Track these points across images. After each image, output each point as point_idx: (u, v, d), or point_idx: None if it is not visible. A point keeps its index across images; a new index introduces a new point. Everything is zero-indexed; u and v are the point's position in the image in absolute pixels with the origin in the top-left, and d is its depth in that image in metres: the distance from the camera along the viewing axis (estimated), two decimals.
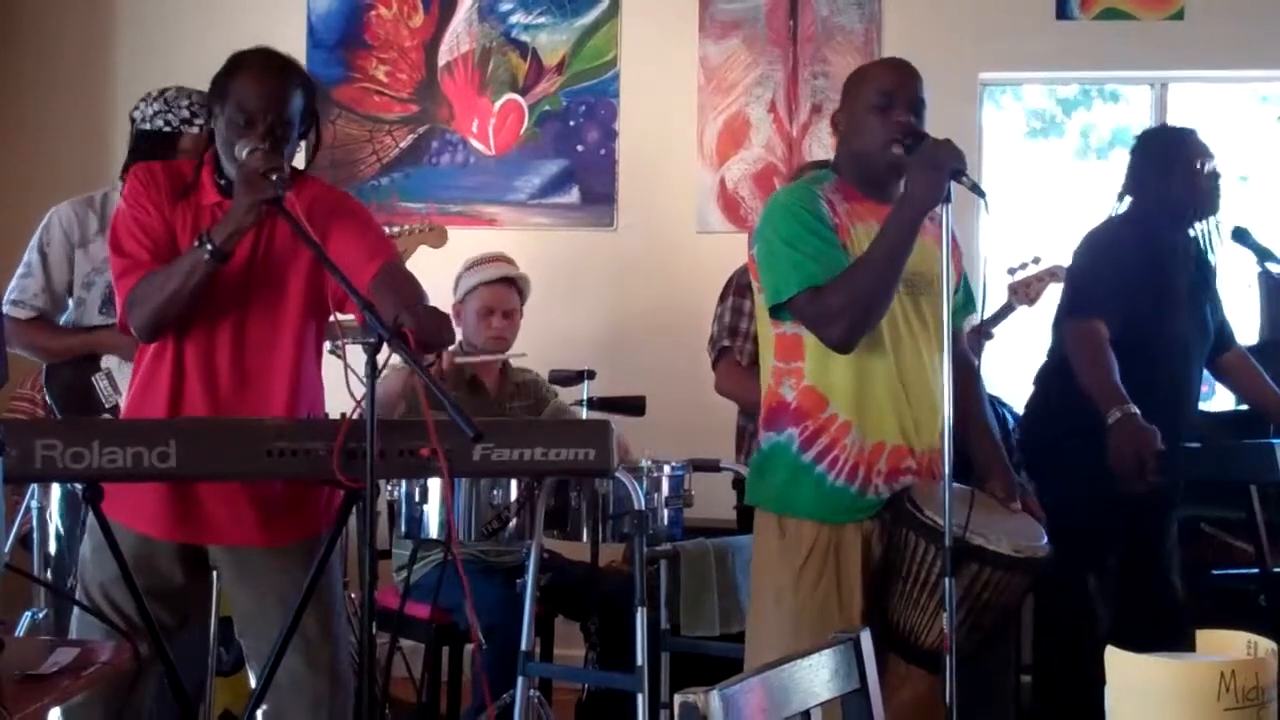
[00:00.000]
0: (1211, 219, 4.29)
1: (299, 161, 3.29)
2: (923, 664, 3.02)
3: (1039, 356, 4.51)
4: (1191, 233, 4.32)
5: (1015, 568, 2.94)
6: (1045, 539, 3.03)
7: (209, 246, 2.98)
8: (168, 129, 3.88)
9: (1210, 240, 4.32)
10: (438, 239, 4.96)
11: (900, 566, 2.99)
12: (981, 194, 2.91)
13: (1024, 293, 4.97)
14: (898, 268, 2.94)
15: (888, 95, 3.06)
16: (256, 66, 3.13)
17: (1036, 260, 5.00)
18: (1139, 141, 4.47)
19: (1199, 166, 4.23)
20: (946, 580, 2.83)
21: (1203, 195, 4.25)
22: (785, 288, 2.99)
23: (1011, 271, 5.01)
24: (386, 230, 4.74)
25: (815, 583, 3.01)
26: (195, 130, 3.84)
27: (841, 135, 3.18)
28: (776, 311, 3.05)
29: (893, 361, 3.05)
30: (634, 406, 4.68)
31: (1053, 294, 4.80)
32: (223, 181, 3.17)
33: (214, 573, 3.28)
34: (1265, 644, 1.58)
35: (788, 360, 3.08)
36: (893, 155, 3.01)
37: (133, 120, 3.95)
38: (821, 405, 3.04)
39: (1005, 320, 5.02)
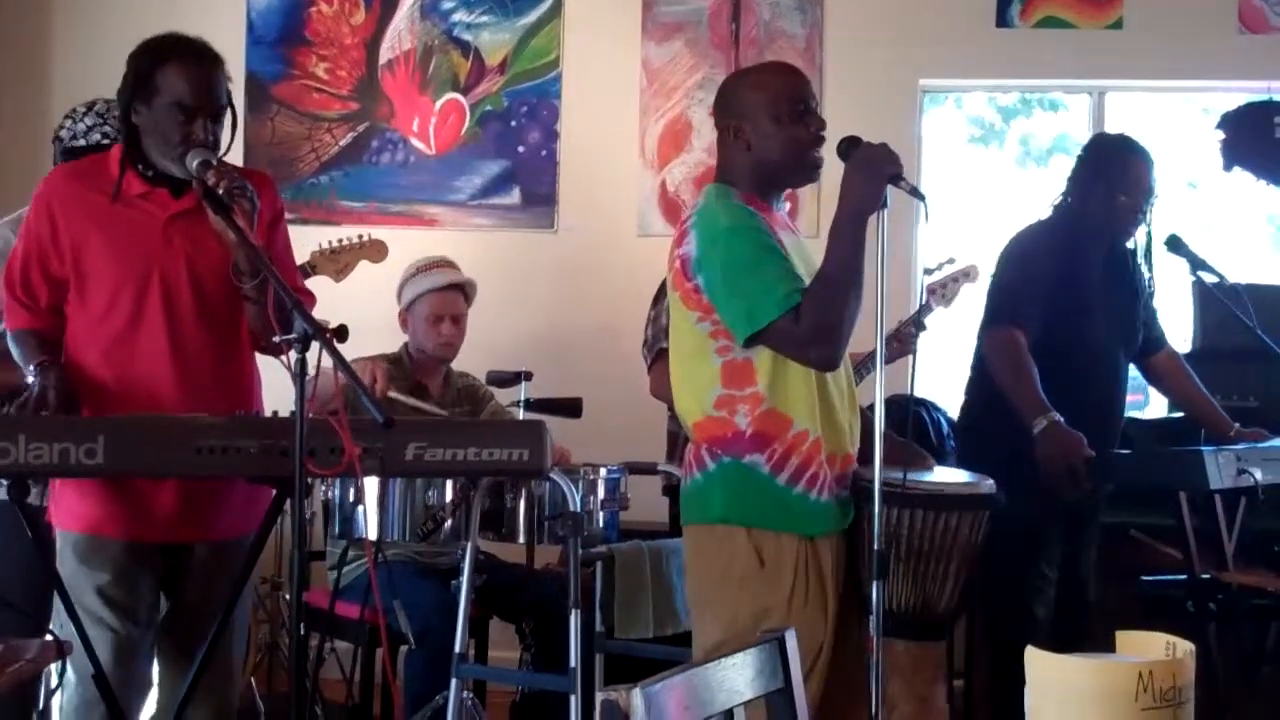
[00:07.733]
0: (1143, 229, 4.29)
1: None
2: (933, 634, 3.05)
3: (966, 360, 4.52)
4: (1130, 244, 4.33)
5: (966, 505, 2.97)
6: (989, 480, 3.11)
7: (33, 369, 3.08)
8: (107, 141, 3.68)
9: (1147, 247, 4.33)
10: (377, 253, 4.94)
11: (900, 548, 2.97)
12: (921, 197, 2.90)
13: (940, 293, 4.98)
14: (858, 273, 2.88)
15: (801, 102, 3.05)
16: (187, 58, 3.11)
17: (951, 260, 5.02)
18: (1086, 146, 4.45)
19: (1127, 188, 4.18)
20: (875, 583, 2.85)
21: (1119, 217, 4.21)
22: (762, 314, 2.87)
23: (929, 271, 5.00)
24: (328, 244, 4.81)
25: (804, 601, 2.95)
26: None
27: (745, 146, 3.06)
28: (750, 340, 2.91)
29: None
30: (570, 408, 4.67)
31: (967, 295, 4.83)
32: (150, 173, 3.16)
33: None
34: (1183, 645, 1.59)
35: (740, 387, 2.96)
36: (815, 159, 3.02)
37: (59, 139, 3.79)
38: (786, 425, 2.95)
39: (924, 320, 5.00)
